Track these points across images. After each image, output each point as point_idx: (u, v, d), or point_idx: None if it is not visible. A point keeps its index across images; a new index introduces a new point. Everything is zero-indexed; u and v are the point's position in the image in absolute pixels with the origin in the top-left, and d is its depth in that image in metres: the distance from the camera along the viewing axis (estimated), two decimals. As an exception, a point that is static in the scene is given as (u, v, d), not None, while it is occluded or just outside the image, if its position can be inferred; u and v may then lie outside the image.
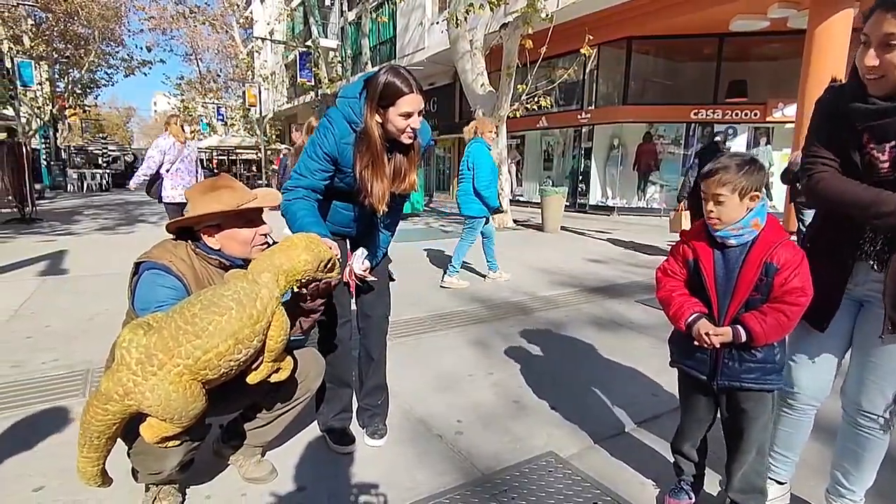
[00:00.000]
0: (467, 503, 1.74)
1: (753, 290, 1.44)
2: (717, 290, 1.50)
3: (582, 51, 9.56)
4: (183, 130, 5.77)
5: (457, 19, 9.27)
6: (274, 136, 26.79)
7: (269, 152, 23.37)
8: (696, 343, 1.51)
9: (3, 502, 1.71)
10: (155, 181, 5.57)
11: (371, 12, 15.94)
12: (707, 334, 1.47)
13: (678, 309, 1.55)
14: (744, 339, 1.44)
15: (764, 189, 1.50)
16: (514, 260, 6.53)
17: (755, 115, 11.67)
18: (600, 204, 13.26)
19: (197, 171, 5.87)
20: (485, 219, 5.00)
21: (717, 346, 1.47)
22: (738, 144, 11.94)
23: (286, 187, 1.87)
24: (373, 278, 1.98)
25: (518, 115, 10.42)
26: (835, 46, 7.39)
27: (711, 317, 1.51)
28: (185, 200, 5.69)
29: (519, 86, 9.86)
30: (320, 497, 1.79)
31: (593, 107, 13.37)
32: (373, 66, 16.48)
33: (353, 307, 2.14)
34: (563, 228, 9.61)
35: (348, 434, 2.11)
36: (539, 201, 10.44)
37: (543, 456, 2.04)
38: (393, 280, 2.22)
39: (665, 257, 1.68)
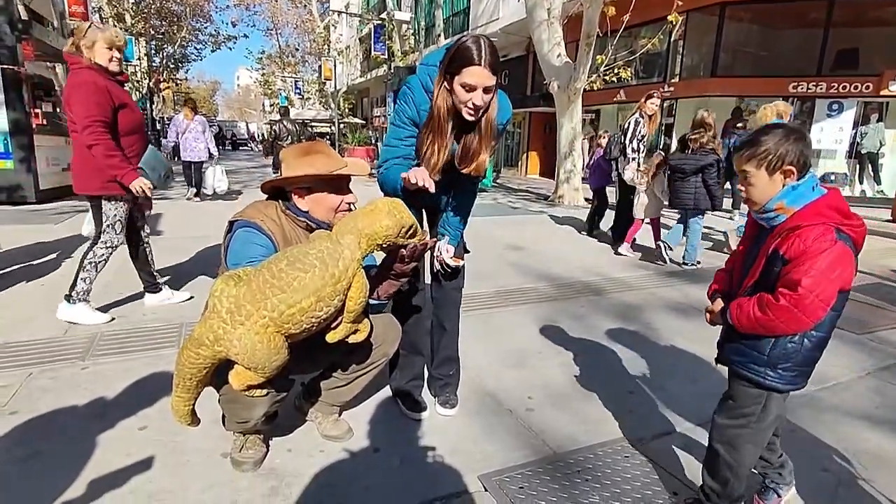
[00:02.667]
0: (539, 480, 1.72)
1: (760, 277, 1.34)
2: (743, 269, 1.44)
3: (669, 18, 8.92)
4: (194, 111, 8.62)
5: (535, -13, 8.91)
6: (347, 110, 27.38)
7: (342, 125, 23.95)
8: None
9: (115, 437, 1.89)
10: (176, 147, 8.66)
11: (446, -18, 15.72)
12: (708, 310, 1.51)
13: (711, 283, 1.58)
14: (730, 322, 1.38)
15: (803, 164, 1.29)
16: (585, 240, 6.33)
17: (867, 88, 10.46)
18: (680, 184, 12.52)
19: (206, 138, 8.54)
20: None
21: (708, 321, 1.51)
22: (843, 121, 10.80)
23: (379, 163, 1.87)
24: (461, 262, 1.98)
25: (595, 88, 9.95)
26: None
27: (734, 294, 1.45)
28: (191, 160, 8.36)
29: (598, 56, 9.39)
30: (393, 459, 1.84)
31: (677, 79, 12.54)
32: (445, 38, 16.30)
33: (428, 278, 2.14)
34: (638, 209, 9.17)
35: (420, 401, 2.15)
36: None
37: (618, 440, 1.97)
38: (468, 252, 2.20)
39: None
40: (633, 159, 5.15)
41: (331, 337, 1.51)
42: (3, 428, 1.90)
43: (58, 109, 9.02)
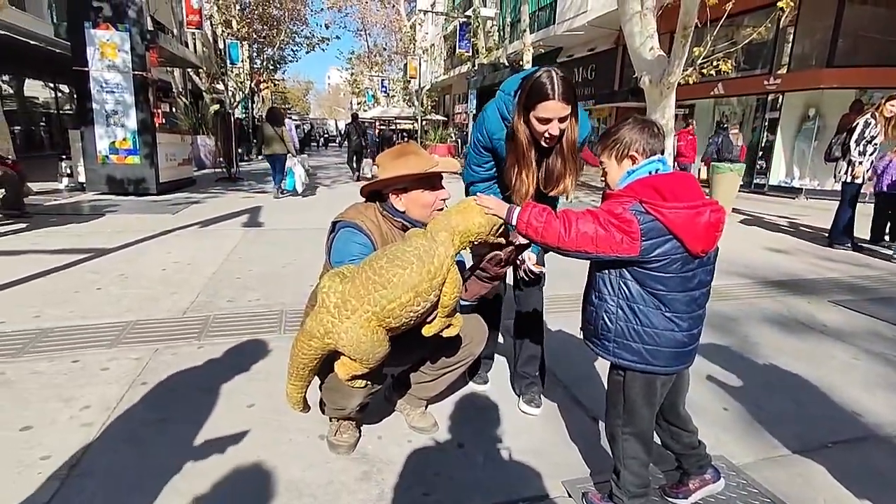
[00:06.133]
0: (626, 491, 1.69)
1: None
2: None
3: (779, 4, 8.18)
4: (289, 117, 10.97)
5: (629, -23, 8.54)
6: (429, 107, 27.85)
7: (424, 123, 24.42)
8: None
9: (226, 413, 2.10)
10: None
11: (533, -23, 15.48)
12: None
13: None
14: (514, 216, 1.41)
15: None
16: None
17: None
18: (783, 185, 11.52)
19: (291, 136, 9.82)
20: None
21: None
22: None
23: (465, 181, 2.10)
24: (543, 269, 2.02)
25: (691, 82, 9.37)
26: None
27: None
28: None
29: (695, 48, 8.83)
30: (476, 455, 1.88)
31: (785, 70, 11.49)
32: (531, 34, 16.09)
33: (509, 279, 2.17)
34: (734, 210, 8.57)
35: (482, 374, 2.38)
36: (706, 178, 9.37)
37: (713, 459, 1.88)
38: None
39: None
40: (860, 163, 5.03)
41: (427, 330, 1.58)
42: (138, 395, 2.18)
43: (174, 109, 9.99)
